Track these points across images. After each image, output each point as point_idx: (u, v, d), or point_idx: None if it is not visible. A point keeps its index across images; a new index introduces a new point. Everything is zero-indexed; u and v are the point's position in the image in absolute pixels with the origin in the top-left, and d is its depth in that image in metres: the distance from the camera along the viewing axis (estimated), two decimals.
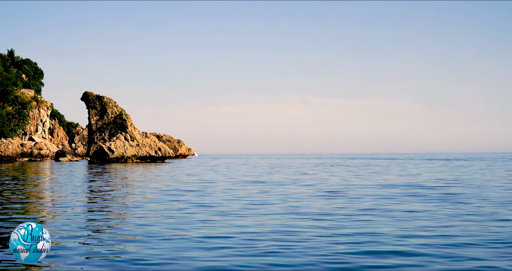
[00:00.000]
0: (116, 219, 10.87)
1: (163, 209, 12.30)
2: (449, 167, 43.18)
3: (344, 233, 8.86)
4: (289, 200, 14.49)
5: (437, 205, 13.06)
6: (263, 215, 11.23)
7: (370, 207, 12.77)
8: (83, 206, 13.41)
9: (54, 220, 10.54)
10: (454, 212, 11.75)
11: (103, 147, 66.20)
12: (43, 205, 13.65)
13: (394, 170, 36.89)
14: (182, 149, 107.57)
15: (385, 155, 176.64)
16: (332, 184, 21.52)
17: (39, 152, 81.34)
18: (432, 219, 10.54)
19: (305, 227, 9.60)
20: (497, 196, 15.46)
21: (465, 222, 10.19)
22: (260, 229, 9.37)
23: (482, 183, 21.76)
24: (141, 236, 8.67)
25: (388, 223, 10.09)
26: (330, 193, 16.77)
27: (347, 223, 10.04)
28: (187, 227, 9.55)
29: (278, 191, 17.95)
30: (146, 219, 10.59)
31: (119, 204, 13.86)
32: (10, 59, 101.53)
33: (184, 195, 16.13)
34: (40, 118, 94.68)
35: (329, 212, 11.80)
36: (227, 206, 13.09)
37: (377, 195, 15.92)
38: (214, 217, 10.92)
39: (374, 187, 19.63)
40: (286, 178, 26.78)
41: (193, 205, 13.18)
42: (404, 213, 11.55)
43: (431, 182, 22.64)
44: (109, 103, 76.44)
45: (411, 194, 16.26)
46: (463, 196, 15.67)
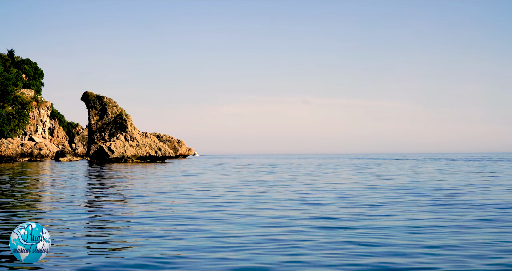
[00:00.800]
0: (117, 219, 10.86)
1: (163, 209, 12.29)
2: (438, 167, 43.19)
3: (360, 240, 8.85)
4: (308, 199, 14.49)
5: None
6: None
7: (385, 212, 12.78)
8: (83, 205, 13.40)
9: (54, 220, 10.53)
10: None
11: (103, 147, 66.20)
12: (43, 205, 13.64)
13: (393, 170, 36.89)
14: (182, 149, 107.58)
15: (385, 155, 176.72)
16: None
17: (39, 152, 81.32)
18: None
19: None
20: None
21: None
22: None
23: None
24: (141, 236, 8.67)
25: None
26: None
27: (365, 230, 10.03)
28: (187, 227, 9.54)
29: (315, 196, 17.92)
30: (146, 220, 10.59)
31: (120, 203, 13.86)
32: (10, 59, 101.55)
33: (184, 195, 16.12)
34: (40, 118, 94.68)
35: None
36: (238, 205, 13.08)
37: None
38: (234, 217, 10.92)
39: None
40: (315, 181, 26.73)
41: (193, 206, 13.18)
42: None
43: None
44: (109, 103, 76.45)
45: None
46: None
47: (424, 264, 6.71)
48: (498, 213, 11.58)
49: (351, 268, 6.54)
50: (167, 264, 6.72)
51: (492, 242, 8.13)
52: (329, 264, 6.72)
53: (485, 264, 6.73)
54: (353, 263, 6.77)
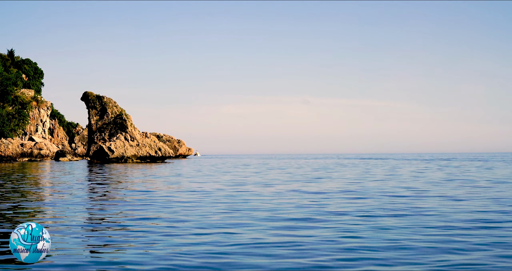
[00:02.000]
0: (117, 221, 10.85)
1: (163, 209, 12.29)
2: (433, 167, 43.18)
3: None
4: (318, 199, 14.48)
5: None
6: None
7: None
8: (83, 205, 13.40)
9: (54, 220, 10.53)
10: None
11: (103, 147, 66.19)
12: (42, 205, 13.63)
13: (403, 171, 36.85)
14: (182, 148, 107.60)
15: (386, 155, 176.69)
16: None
17: (39, 152, 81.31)
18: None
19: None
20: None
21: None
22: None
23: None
24: (142, 236, 8.66)
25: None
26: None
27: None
28: (187, 228, 9.54)
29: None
30: (147, 219, 10.58)
31: (120, 203, 13.85)
32: (10, 59, 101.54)
33: (183, 195, 16.12)
34: (40, 118, 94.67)
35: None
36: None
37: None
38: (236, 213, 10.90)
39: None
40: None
41: (194, 206, 13.17)
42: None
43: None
44: (109, 103, 76.44)
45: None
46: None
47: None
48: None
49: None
50: (167, 262, 6.72)
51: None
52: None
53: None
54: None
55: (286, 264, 6.69)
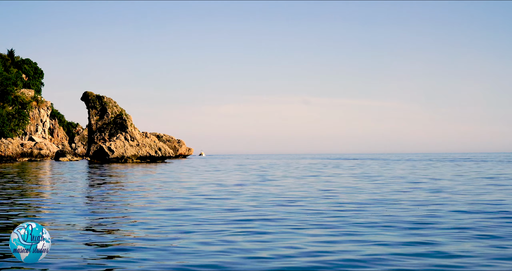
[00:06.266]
0: (117, 219, 10.86)
1: (164, 208, 12.29)
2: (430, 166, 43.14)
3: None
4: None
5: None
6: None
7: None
8: (83, 205, 13.40)
9: (54, 220, 10.52)
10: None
11: (103, 147, 66.19)
12: (43, 205, 13.63)
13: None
14: (182, 148, 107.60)
15: (387, 155, 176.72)
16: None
17: (39, 151, 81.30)
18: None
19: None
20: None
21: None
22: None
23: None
24: (142, 236, 8.66)
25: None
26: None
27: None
28: (186, 228, 9.54)
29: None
30: (147, 219, 10.59)
31: (120, 203, 13.84)
32: (10, 59, 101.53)
33: (183, 195, 16.13)
34: (40, 118, 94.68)
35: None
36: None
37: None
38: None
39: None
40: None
41: (194, 206, 13.17)
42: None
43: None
44: (109, 103, 76.44)
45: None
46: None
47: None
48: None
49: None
50: (166, 263, 6.72)
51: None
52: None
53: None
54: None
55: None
